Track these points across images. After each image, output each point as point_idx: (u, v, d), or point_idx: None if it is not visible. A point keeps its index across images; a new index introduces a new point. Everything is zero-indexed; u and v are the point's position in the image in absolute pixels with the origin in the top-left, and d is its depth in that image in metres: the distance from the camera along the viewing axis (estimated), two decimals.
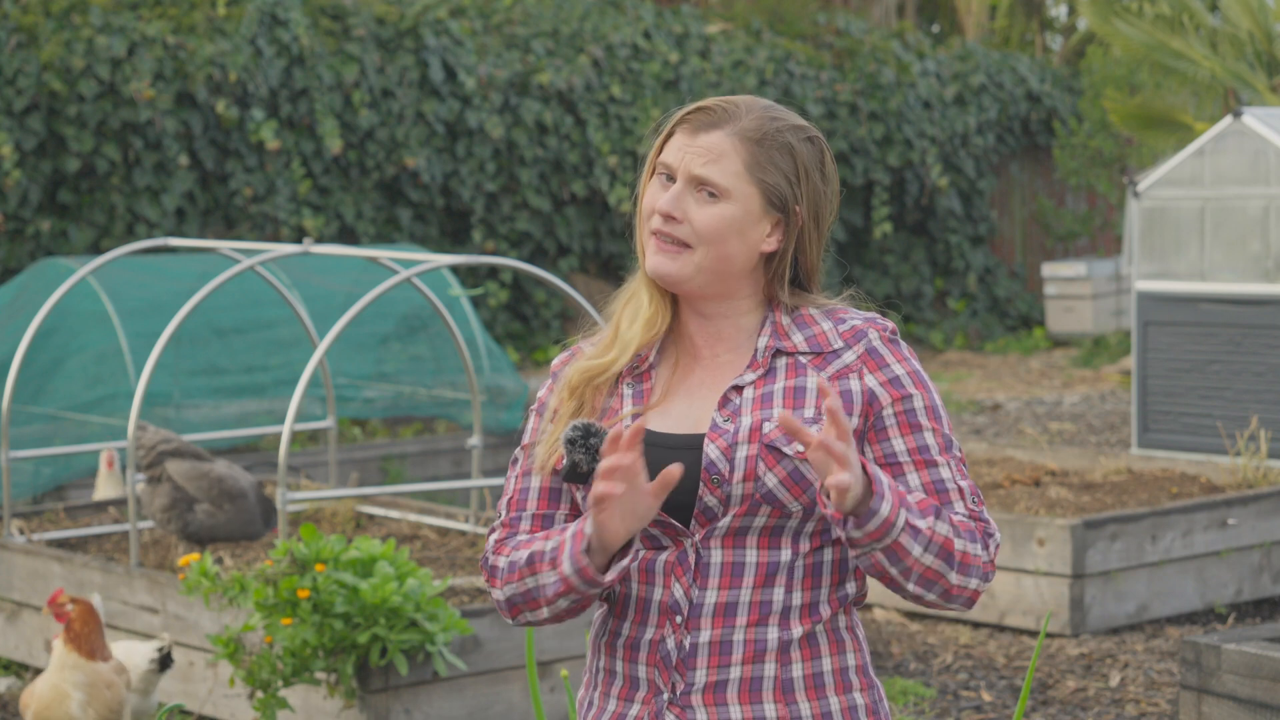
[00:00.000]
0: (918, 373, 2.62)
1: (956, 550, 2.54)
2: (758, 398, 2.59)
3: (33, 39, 13.17)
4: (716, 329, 2.66)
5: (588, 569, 2.52)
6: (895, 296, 17.98)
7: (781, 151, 2.61)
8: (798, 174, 2.62)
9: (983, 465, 8.64)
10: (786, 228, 2.63)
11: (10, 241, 13.03)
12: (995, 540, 2.60)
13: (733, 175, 2.59)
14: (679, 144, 2.62)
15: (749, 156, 2.59)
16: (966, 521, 2.58)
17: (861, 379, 2.60)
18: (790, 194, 2.61)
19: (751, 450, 2.54)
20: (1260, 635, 5.13)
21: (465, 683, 5.53)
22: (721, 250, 2.60)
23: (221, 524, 6.38)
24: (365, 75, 14.63)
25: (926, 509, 2.53)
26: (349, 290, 9.57)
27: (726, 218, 2.59)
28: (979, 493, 2.63)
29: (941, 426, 2.62)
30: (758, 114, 2.62)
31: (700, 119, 2.61)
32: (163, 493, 6.41)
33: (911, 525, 2.49)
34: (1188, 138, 13.80)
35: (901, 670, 6.73)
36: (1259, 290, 9.58)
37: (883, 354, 2.61)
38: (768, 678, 2.58)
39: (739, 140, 2.59)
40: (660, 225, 2.61)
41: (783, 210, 2.62)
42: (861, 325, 2.63)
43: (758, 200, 2.60)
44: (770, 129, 2.61)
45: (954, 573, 2.55)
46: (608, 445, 2.47)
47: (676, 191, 2.60)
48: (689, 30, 17.03)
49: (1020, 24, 23.41)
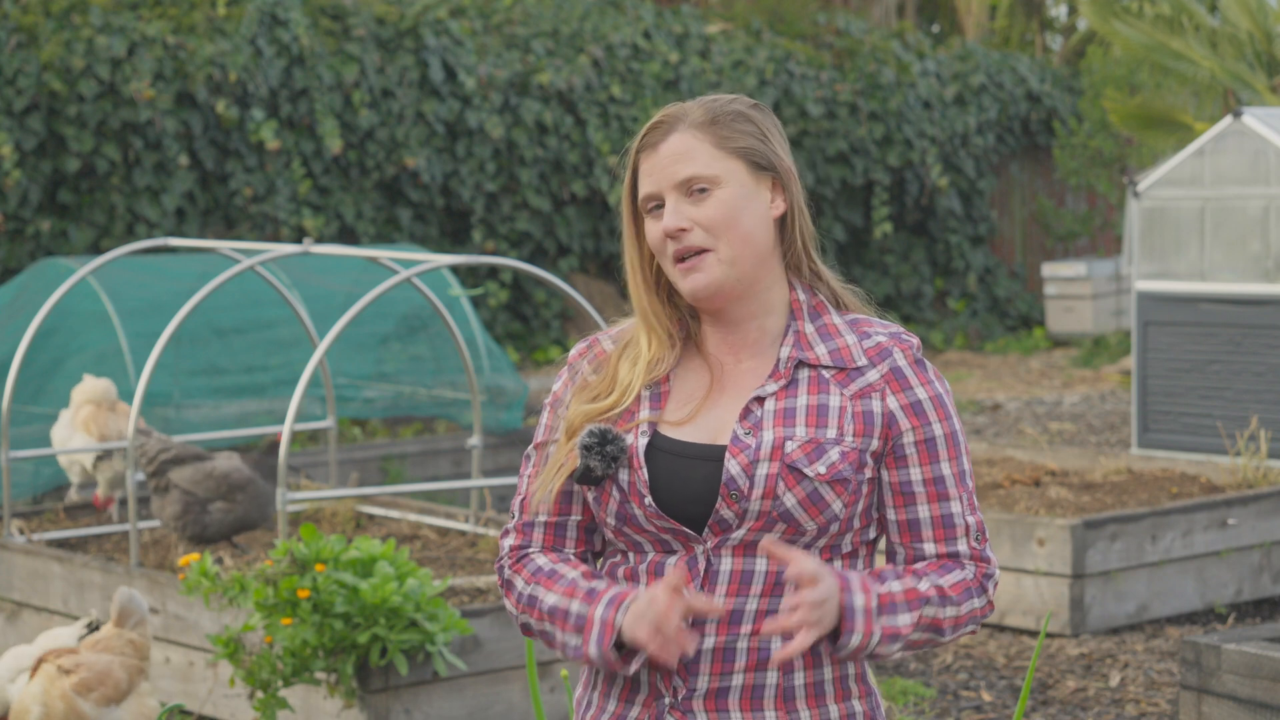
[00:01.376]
0: (940, 397, 2.61)
1: (946, 621, 2.59)
2: (780, 411, 2.57)
3: (33, 39, 13.17)
4: (741, 335, 2.64)
5: (615, 663, 2.55)
6: (895, 296, 17.98)
7: (738, 120, 2.62)
8: (763, 134, 2.63)
9: (983, 465, 8.64)
10: (785, 185, 2.64)
11: (10, 241, 13.03)
12: (994, 580, 2.64)
13: (709, 160, 2.59)
14: (647, 168, 2.63)
15: (713, 137, 2.60)
16: (963, 580, 2.60)
17: (884, 400, 2.59)
18: (768, 150, 2.63)
19: (772, 469, 2.54)
20: (1260, 635, 5.13)
21: (465, 683, 5.53)
22: (739, 233, 2.59)
23: (239, 517, 6.38)
24: (365, 75, 14.63)
25: (914, 600, 2.55)
26: (349, 290, 9.56)
27: (726, 200, 2.59)
28: (984, 528, 2.65)
29: (959, 457, 2.62)
30: (700, 104, 2.64)
31: (654, 135, 2.63)
32: (173, 500, 6.41)
33: (890, 634, 2.53)
34: (1188, 138, 13.80)
35: (901, 670, 6.73)
36: (1259, 290, 9.57)
37: (907, 375, 2.60)
38: (770, 685, 2.58)
39: (696, 129, 2.61)
40: (674, 246, 2.60)
41: (771, 169, 2.63)
42: (887, 343, 2.61)
43: (744, 169, 2.61)
44: (716, 108, 2.63)
45: (946, 634, 2.61)
46: (657, 614, 2.48)
47: (672, 206, 2.60)
48: (689, 30, 17.03)
49: (1020, 24, 23.41)
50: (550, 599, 2.60)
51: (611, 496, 2.60)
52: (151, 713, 5.29)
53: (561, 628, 2.58)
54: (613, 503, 2.60)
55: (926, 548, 2.61)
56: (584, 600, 2.57)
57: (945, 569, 2.60)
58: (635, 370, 2.64)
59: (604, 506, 2.62)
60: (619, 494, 2.59)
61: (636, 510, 2.59)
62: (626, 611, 2.52)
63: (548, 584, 2.61)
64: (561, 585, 2.60)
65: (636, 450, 2.59)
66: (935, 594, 2.57)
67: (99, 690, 5.18)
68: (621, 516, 2.60)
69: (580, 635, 2.55)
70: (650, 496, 2.57)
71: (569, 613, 2.57)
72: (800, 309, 2.65)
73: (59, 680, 5.17)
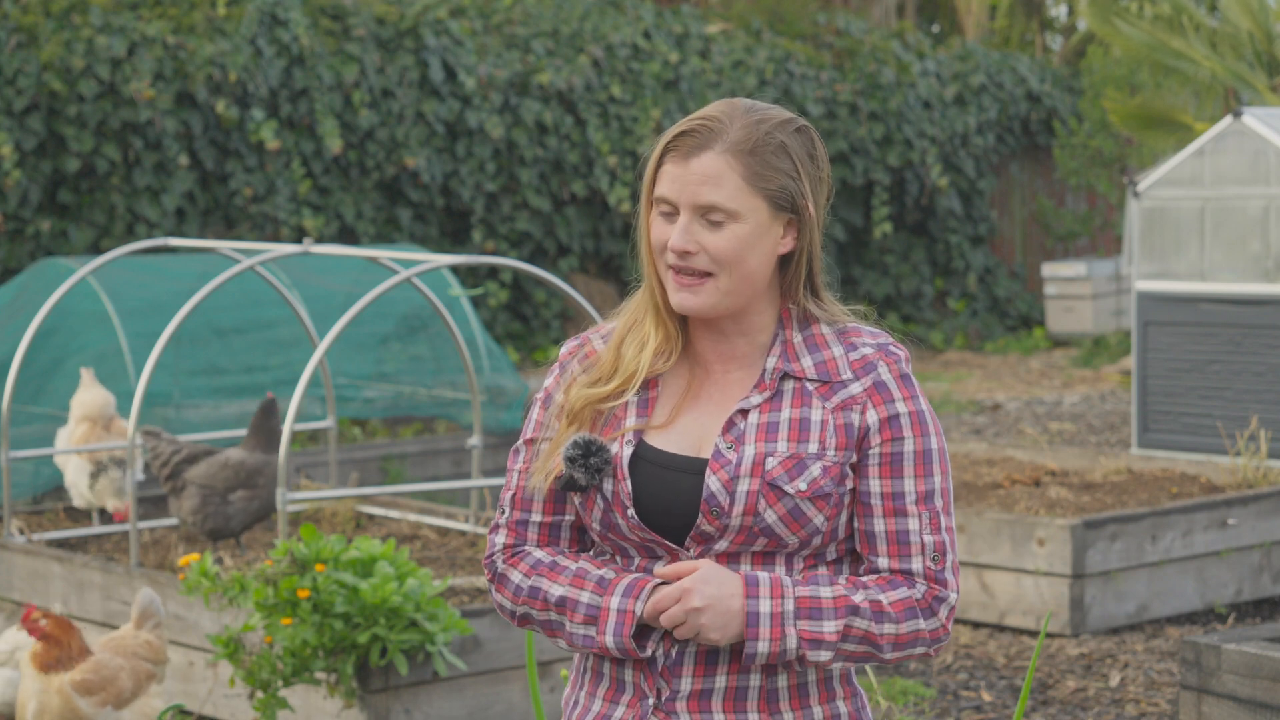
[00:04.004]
0: (921, 414, 2.58)
1: (883, 637, 2.54)
2: (762, 425, 2.56)
3: (33, 39, 13.17)
4: (730, 346, 2.63)
5: (634, 650, 2.55)
6: (895, 296, 17.98)
7: (777, 154, 2.56)
8: (797, 170, 2.57)
9: (983, 465, 8.64)
10: (800, 225, 2.60)
11: (10, 241, 13.03)
12: (949, 604, 2.57)
13: (735, 193, 2.54)
14: (672, 174, 2.56)
15: (745, 170, 2.54)
16: (908, 598, 2.55)
17: (864, 413, 2.57)
18: (796, 190, 2.57)
19: (753, 485, 2.53)
20: (1260, 635, 5.13)
21: (465, 683, 5.53)
22: (742, 270, 2.56)
23: (264, 503, 6.37)
24: (365, 75, 14.63)
25: (841, 609, 2.52)
26: (349, 290, 9.56)
27: (741, 237, 2.55)
28: (946, 549, 2.58)
29: (929, 475, 2.57)
30: (741, 121, 2.56)
31: (687, 144, 2.55)
32: (189, 495, 6.40)
33: (811, 638, 2.51)
34: (1188, 138, 13.80)
35: (901, 670, 6.73)
36: (1259, 290, 9.57)
37: (890, 389, 2.58)
38: (753, 688, 2.58)
39: (731, 156, 2.53)
40: (676, 261, 2.57)
41: (792, 209, 2.58)
42: (873, 356, 2.59)
43: (765, 210, 2.56)
44: (759, 135, 2.55)
45: (887, 652, 2.56)
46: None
47: (684, 225, 2.55)
48: (689, 30, 17.03)
49: (1020, 24, 23.41)
50: (557, 590, 2.59)
51: (596, 504, 2.60)
52: (153, 713, 5.29)
53: (571, 618, 2.58)
54: (597, 510, 2.61)
55: (880, 561, 2.58)
56: (595, 590, 2.57)
57: (892, 585, 2.56)
58: (641, 357, 2.63)
59: (589, 513, 2.62)
60: (603, 503, 2.59)
61: (619, 520, 2.59)
62: (645, 601, 2.53)
63: (551, 575, 2.61)
64: (567, 576, 2.60)
65: (621, 461, 2.58)
66: (869, 607, 2.53)
67: (100, 694, 5.19)
68: (606, 524, 2.61)
69: (594, 625, 2.55)
70: (633, 509, 2.58)
71: (579, 603, 2.57)
72: (789, 317, 2.63)
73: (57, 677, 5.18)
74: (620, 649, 2.54)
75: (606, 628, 2.54)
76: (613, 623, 2.54)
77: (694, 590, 2.49)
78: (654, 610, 2.51)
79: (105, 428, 7.36)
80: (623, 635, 2.53)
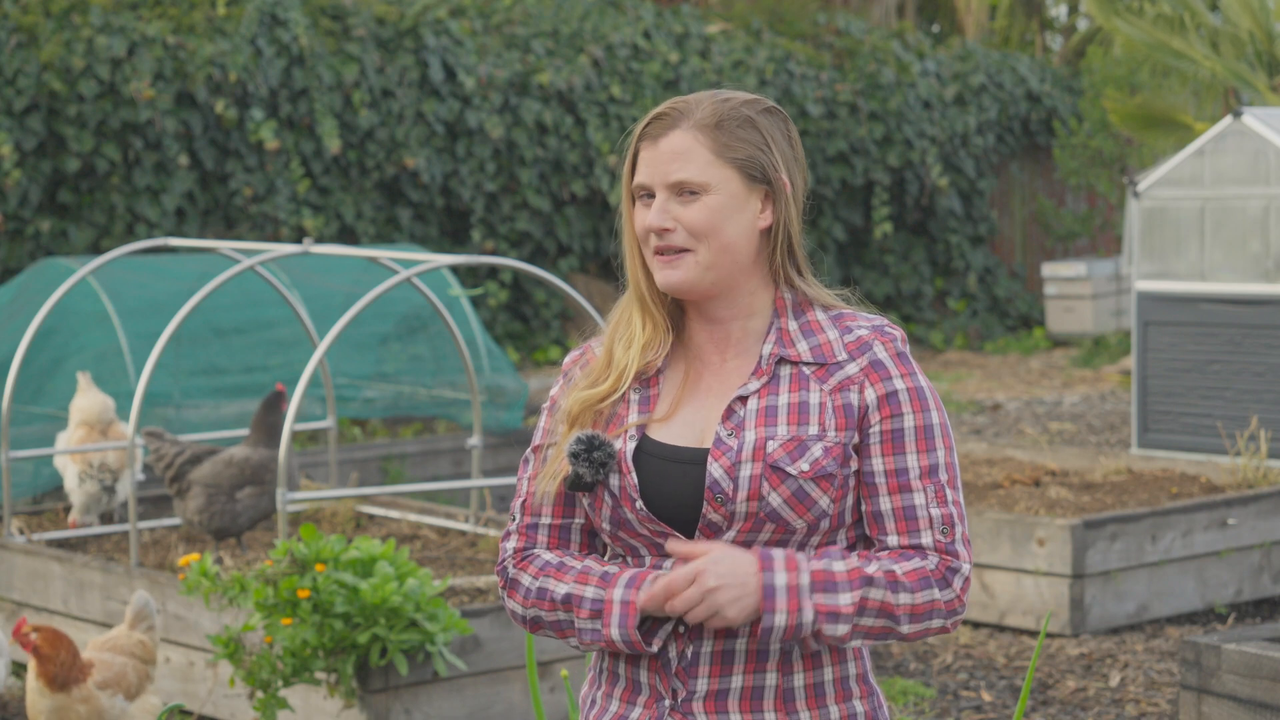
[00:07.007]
0: (919, 390, 2.59)
1: (900, 608, 2.52)
2: (761, 410, 2.57)
3: (33, 39, 13.17)
4: (725, 333, 2.65)
5: (639, 643, 2.55)
6: (895, 296, 17.98)
7: (743, 126, 2.61)
8: (766, 143, 2.62)
9: (983, 465, 8.64)
10: (775, 198, 2.63)
11: (10, 241, 13.02)
12: (963, 575, 2.56)
13: (704, 166, 2.59)
14: (646, 159, 2.62)
15: (712, 142, 2.59)
16: (921, 568, 2.54)
17: (862, 392, 2.58)
18: (766, 162, 2.61)
19: (755, 469, 2.54)
20: (1260, 635, 5.13)
21: (465, 683, 5.53)
22: (721, 241, 2.59)
23: (270, 500, 6.36)
24: (365, 75, 14.63)
25: (856, 580, 2.51)
26: (349, 290, 9.56)
27: (713, 207, 2.59)
28: (954, 521, 2.57)
29: (932, 450, 2.58)
30: (708, 102, 2.63)
31: (657, 127, 2.62)
32: (195, 495, 6.39)
33: (828, 612, 2.49)
34: (1188, 138, 13.80)
35: (901, 670, 6.73)
36: (1259, 290, 9.57)
37: (887, 367, 2.59)
38: (769, 687, 2.58)
39: (698, 131, 2.60)
40: (657, 241, 2.61)
41: (765, 181, 2.62)
42: (868, 336, 2.61)
43: (738, 180, 2.60)
44: (724, 110, 2.62)
45: (904, 624, 2.54)
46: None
47: (660, 204, 2.60)
48: (689, 30, 17.03)
49: (1020, 24, 23.41)
50: (563, 588, 2.60)
51: (604, 501, 2.61)
52: (154, 709, 5.31)
53: (577, 614, 2.58)
54: (606, 508, 2.61)
55: (890, 540, 2.58)
56: (599, 585, 2.57)
57: (904, 557, 2.55)
58: (630, 353, 2.65)
59: (598, 512, 2.63)
60: (611, 499, 2.60)
61: (629, 514, 2.59)
62: (646, 591, 2.53)
63: (558, 575, 2.62)
64: (573, 574, 2.61)
65: (625, 455, 2.60)
66: (883, 577, 2.52)
67: (114, 686, 5.24)
68: (615, 521, 2.61)
69: (599, 619, 2.56)
70: (641, 500, 2.58)
71: (584, 599, 2.58)
72: (784, 306, 2.65)
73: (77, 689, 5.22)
74: (626, 641, 2.54)
75: (611, 620, 2.55)
76: (617, 614, 2.54)
77: (707, 570, 2.48)
78: (666, 593, 2.50)
79: (103, 433, 7.32)
80: (628, 627, 2.53)
